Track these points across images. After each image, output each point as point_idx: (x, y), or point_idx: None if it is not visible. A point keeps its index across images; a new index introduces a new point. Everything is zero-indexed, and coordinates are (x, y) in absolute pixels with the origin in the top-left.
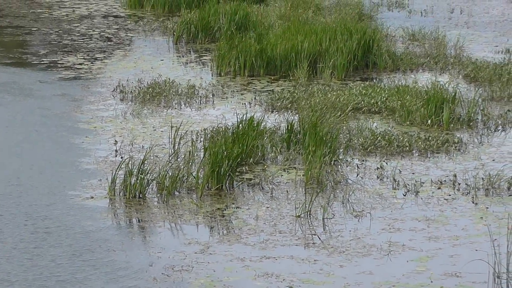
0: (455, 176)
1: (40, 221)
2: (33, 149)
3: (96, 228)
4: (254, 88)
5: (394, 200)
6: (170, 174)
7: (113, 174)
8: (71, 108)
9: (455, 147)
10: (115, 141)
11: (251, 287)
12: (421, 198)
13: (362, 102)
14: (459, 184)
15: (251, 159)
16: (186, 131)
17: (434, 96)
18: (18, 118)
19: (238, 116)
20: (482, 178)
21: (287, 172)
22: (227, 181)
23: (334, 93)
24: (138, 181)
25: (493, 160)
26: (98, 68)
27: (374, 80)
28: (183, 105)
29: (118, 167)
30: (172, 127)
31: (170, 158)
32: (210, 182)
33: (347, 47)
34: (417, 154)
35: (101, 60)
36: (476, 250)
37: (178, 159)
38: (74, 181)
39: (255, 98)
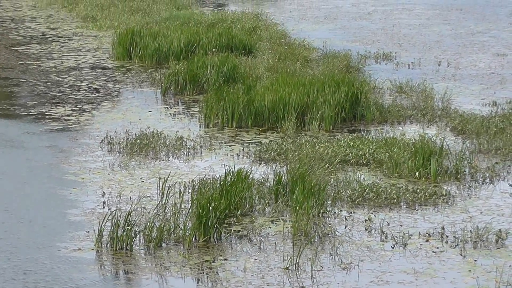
0: (443, 228)
1: (30, 275)
2: (22, 201)
3: (85, 281)
4: (242, 140)
5: (382, 252)
6: (158, 225)
7: (100, 225)
8: (59, 160)
9: (443, 199)
10: (103, 192)
11: None
12: (409, 251)
13: (350, 154)
14: (447, 236)
15: (239, 211)
16: (174, 183)
17: (422, 149)
18: (6, 170)
19: (226, 168)
20: (470, 231)
21: (275, 224)
22: (215, 233)
23: (322, 145)
24: (125, 232)
25: (481, 212)
26: (86, 120)
27: (362, 132)
28: (171, 156)
29: (104, 218)
30: (160, 178)
31: (158, 209)
32: (197, 234)
33: (335, 99)
34: (405, 206)
35: (89, 111)
36: None
37: (166, 211)
38: (62, 233)
39: (243, 150)
